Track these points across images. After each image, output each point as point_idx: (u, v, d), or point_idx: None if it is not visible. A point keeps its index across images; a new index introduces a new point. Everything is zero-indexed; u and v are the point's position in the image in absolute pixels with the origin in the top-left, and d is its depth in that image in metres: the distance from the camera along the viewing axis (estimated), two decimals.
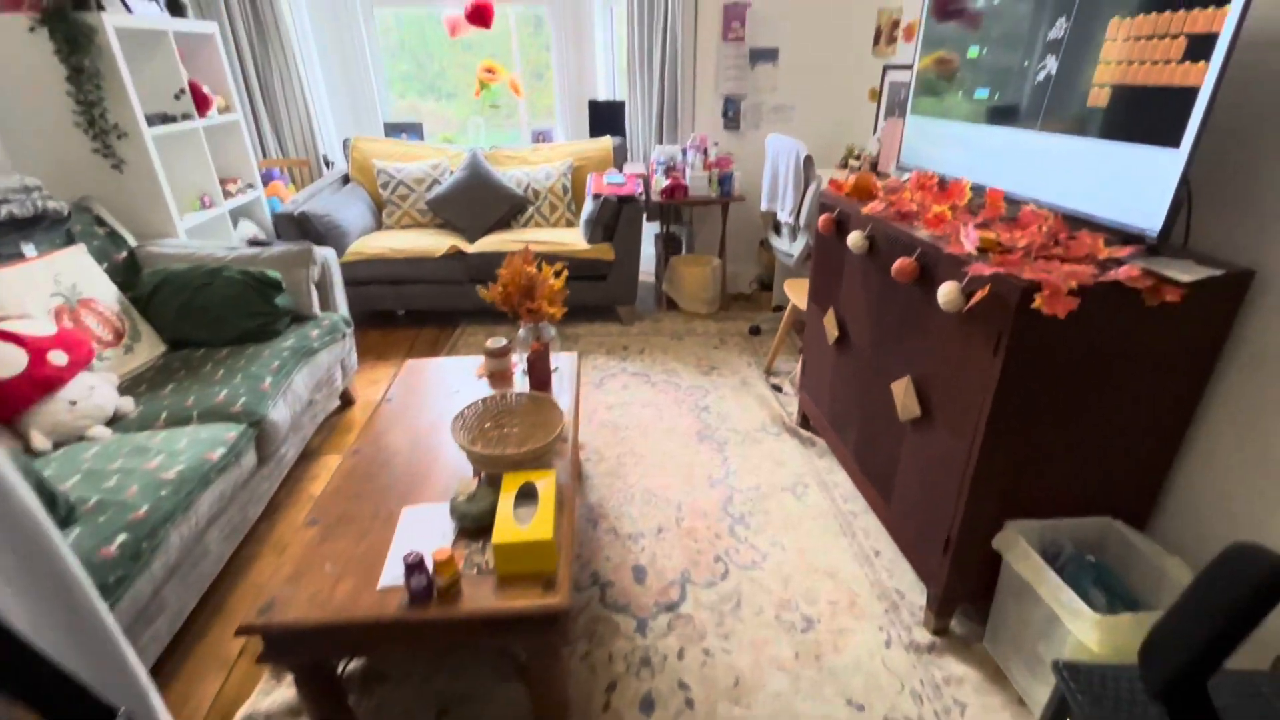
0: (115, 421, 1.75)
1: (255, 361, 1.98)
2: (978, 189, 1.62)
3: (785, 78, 3.36)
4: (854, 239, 1.70)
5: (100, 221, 2.22)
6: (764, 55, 3.31)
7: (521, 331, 1.96)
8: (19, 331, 1.61)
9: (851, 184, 1.90)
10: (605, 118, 3.85)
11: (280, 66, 3.36)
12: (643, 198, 3.17)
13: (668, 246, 3.65)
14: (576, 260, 3.17)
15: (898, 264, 1.47)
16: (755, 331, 3.26)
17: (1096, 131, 1.30)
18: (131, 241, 2.28)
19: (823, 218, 1.93)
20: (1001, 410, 1.24)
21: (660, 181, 3.29)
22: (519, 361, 2.10)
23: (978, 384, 1.27)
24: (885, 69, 3.13)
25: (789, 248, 2.91)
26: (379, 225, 3.51)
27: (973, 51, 1.69)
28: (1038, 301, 1.11)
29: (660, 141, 3.60)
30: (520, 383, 1.99)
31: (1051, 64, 1.40)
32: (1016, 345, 1.18)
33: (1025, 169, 1.51)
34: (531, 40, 4.05)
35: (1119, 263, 1.19)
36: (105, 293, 2.01)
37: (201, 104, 2.63)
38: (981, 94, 1.66)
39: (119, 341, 1.98)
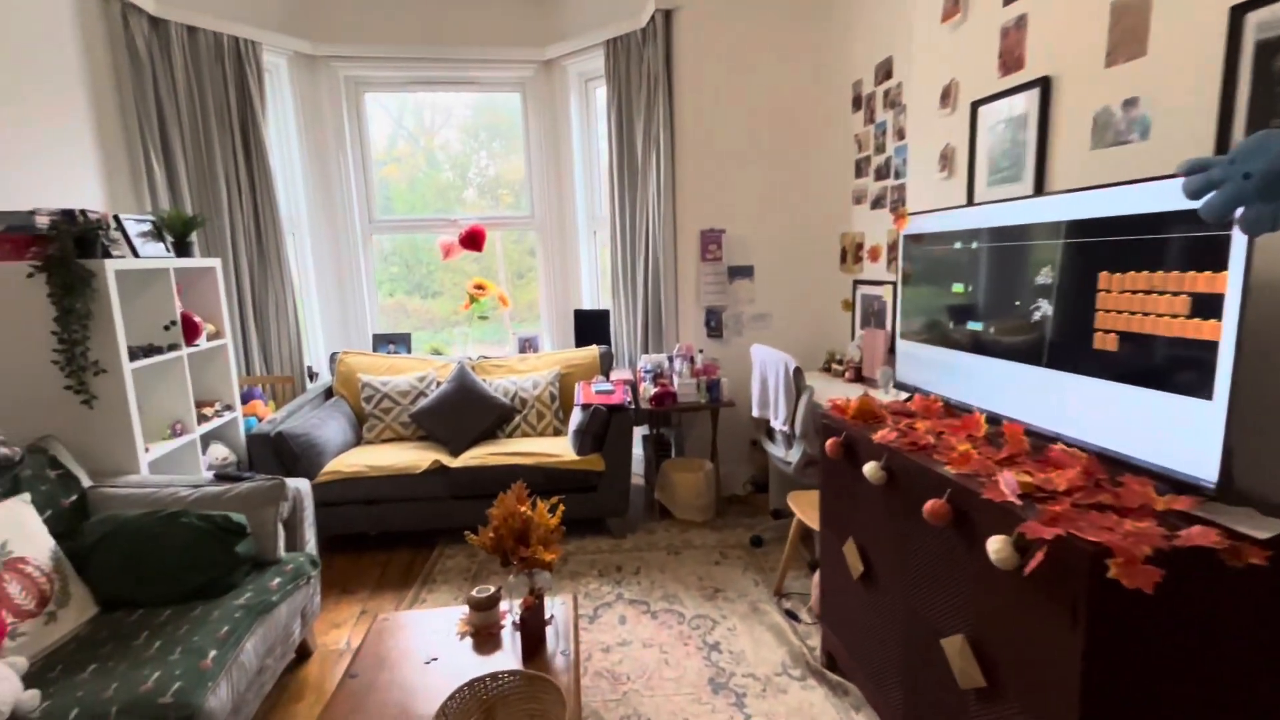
0: None
1: (201, 628, 1.70)
2: (991, 417, 1.58)
3: (762, 290, 3.57)
4: (871, 471, 1.62)
5: (55, 463, 2.04)
6: (741, 272, 3.54)
7: (512, 578, 1.75)
8: None
9: (854, 407, 1.87)
10: (591, 326, 3.99)
11: (276, 290, 3.47)
12: (632, 406, 3.15)
13: (658, 450, 3.57)
14: (565, 472, 3.03)
15: (929, 507, 1.37)
16: (757, 543, 3.05)
17: (1113, 375, 1.29)
18: (86, 482, 2.10)
19: (830, 443, 1.87)
20: (1096, 693, 1.05)
21: (649, 389, 3.30)
22: (509, 610, 1.85)
23: (1058, 658, 1.10)
24: (855, 283, 3.35)
25: (786, 455, 2.84)
26: (359, 440, 3.38)
27: (958, 288, 1.77)
28: (1113, 571, 0.99)
29: (646, 350, 3.69)
30: (510, 642, 1.73)
31: (1045, 306, 1.44)
32: (1098, 617, 1.03)
33: (1040, 402, 1.48)
34: (515, 245, 4.31)
35: (1183, 517, 1.10)
36: (40, 549, 1.77)
37: (191, 332, 2.62)
38: (975, 325, 1.71)
39: (41, 610, 1.70)
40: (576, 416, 3.11)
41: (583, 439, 3.05)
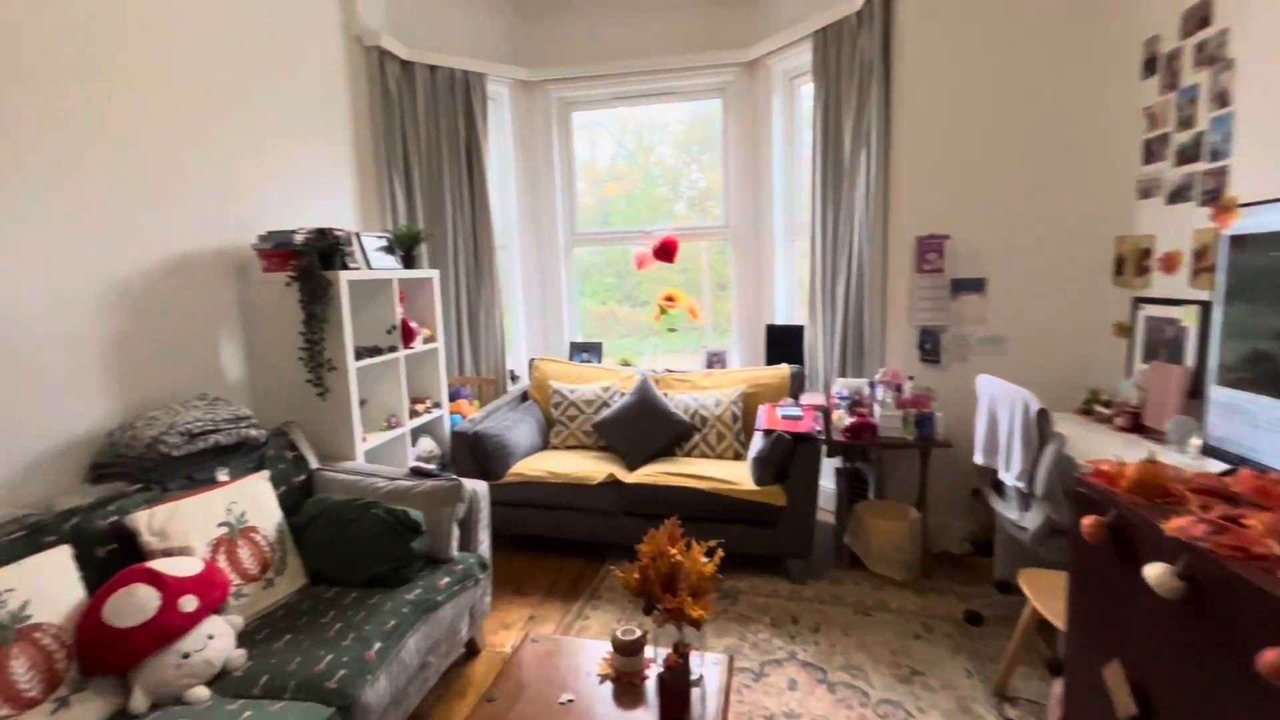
0: (220, 679, 1.62)
1: (373, 618, 1.80)
2: None
3: (996, 309, 2.93)
4: (1159, 578, 1.11)
5: (291, 446, 2.38)
6: (968, 285, 2.94)
7: (656, 626, 1.56)
8: (163, 572, 1.60)
9: (1132, 475, 1.34)
10: (783, 343, 3.67)
11: (486, 299, 3.76)
12: (822, 435, 2.77)
13: (852, 488, 3.12)
14: (742, 502, 2.78)
15: (1272, 660, 0.86)
16: (975, 620, 2.47)
17: None
18: (313, 464, 2.41)
19: (1088, 521, 1.35)
20: None
21: (844, 418, 2.89)
22: (654, 659, 1.67)
23: None
24: (1137, 301, 2.56)
25: (1019, 518, 2.24)
26: (546, 444, 3.50)
27: None
28: None
29: (843, 372, 3.26)
30: (652, 696, 1.55)
31: None
32: None
33: None
34: (720, 256, 4.17)
35: None
36: (268, 521, 2.04)
37: (408, 336, 2.92)
38: None
39: (263, 574, 1.95)
40: (757, 442, 2.83)
41: (763, 468, 2.76)
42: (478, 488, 2.35)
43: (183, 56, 2.29)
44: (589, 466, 3.09)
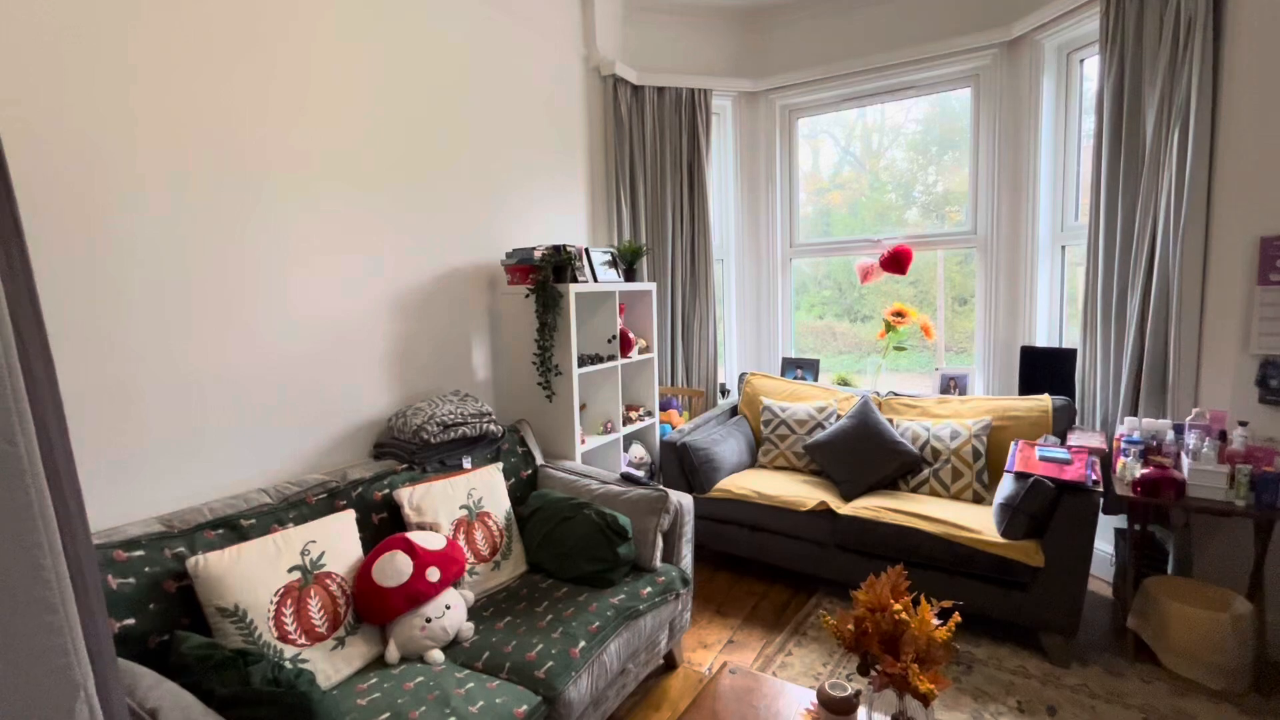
0: (453, 645, 1.81)
1: (580, 615, 1.87)
2: None
3: None
4: None
5: (522, 442, 2.61)
6: None
7: (873, 691, 1.36)
8: (417, 543, 1.84)
9: None
10: (1044, 369, 3.07)
11: (702, 312, 3.78)
12: (1098, 487, 2.23)
13: (1140, 558, 2.46)
14: (984, 555, 2.36)
15: None
16: None
17: None
18: (539, 460, 2.62)
19: None
20: None
21: (1131, 467, 2.29)
22: None
23: None
24: None
25: None
26: (753, 462, 3.39)
27: None
28: None
29: (1134, 410, 2.60)
30: None
31: None
32: None
33: None
34: (959, 267, 3.68)
35: None
36: (499, 508, 2.26)
37: (626, 346, 3.04)
38: None
39: (492, 557, 2.15)
40: (1007, 485, 2.38)
41: (1012, 517, 2.31)
42: (683, 500, 2.33)
43: (446, 99, 2.68)
44: (800, 491, 2.89)
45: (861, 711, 1.47)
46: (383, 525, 2.02)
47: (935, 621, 1.33)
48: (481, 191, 2.82)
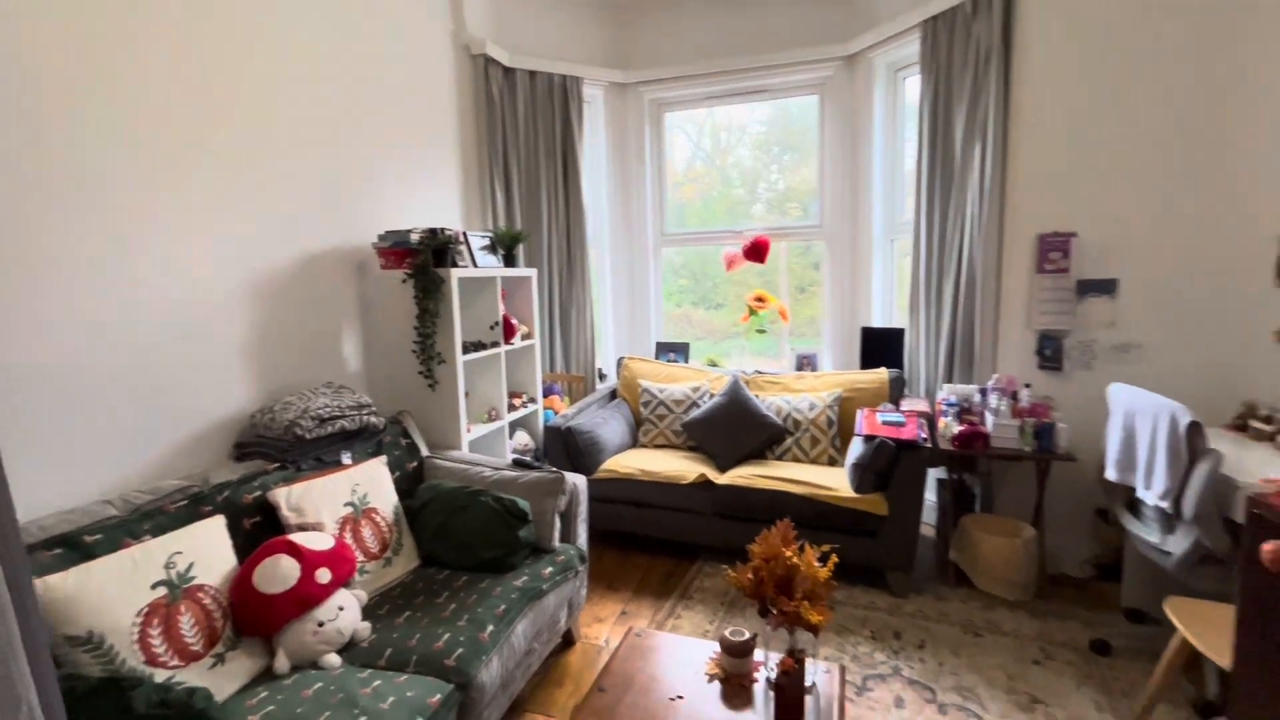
0: (349, 648, 1.72)
1: (484, 600, 1.87)
2: None
3: (1128, 312, 2.69)
4: None
5: (405, 434, 2.50)
6: (1095, 287, 2.72)
7: (769, 629, 1.53)
8: (302, 545, 1.72)
9: None
10: (880, 347, 3.53)
11: (578, 298, 3.83)
12: (927, 443, 2.64)
13: (957, 501, 2.95)
14: (840, 509, 2.69)
15: (1269, 550, 0.74)
16: (1102, 649, 2.27)
17: None
18: (424, 452, 2.53)
19: (1271, 548, 1.21)
20: None
21: (951, 425, 2.74)
22: (764, 663, 1.64)
23: None
24: None
25: (1160, 541, 2.05)
26: (634, 443, 3.53)
27: None
28: None
29: (950, 378, 3.09)
30: (761, 701, 1.52)
31: None
32: None
33: None
34: (799, 259, 4.07)
35: None
36: (387, 503, 2.16)
37: (509, 332, 3.01)
38: None
39: (382, 554, 2.06)
40: (856, 448, 2.73)
41: (862, 475, 2.66)
42: (578, 481, 2.39)
43: (306, 70, 2.47)
44: (680, 466, 3.08)
45: (759, 652, 1.65)
46: (257, 530, 1.85)
47: (817, 564, 1.53)
48: (348, 170, 2.63)
